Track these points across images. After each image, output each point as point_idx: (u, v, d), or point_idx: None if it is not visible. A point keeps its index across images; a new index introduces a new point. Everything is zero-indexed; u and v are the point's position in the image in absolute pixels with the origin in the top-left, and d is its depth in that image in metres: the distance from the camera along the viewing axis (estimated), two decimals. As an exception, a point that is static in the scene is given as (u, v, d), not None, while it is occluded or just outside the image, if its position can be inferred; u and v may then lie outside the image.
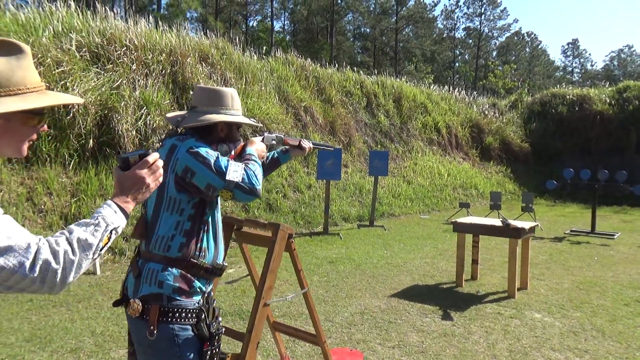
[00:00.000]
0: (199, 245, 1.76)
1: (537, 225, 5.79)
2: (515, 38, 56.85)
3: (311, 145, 2.46)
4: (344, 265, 6.52)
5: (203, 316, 1.74)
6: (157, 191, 1.77)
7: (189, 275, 1.73)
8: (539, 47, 61.73)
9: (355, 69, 17.37)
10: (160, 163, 1.32)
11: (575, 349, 3.82)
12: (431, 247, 7.90)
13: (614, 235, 9.47)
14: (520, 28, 73.20)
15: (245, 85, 10.73)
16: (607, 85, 22.03)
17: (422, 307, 4.81)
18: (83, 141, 7.10)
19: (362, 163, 12.93)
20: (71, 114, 6.95)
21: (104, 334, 3.91)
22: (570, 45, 67.86)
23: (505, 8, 63.22)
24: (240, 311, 4.48)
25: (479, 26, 51.62)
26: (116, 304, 1.81)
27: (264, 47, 15.05)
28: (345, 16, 46.06)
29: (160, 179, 1.33)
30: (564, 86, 23.58)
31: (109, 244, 1.19)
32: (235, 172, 1.72)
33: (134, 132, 7.70)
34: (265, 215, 8.76)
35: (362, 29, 49.59)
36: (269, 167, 2.36)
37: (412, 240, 8.53)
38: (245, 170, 1.75)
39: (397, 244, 8.08)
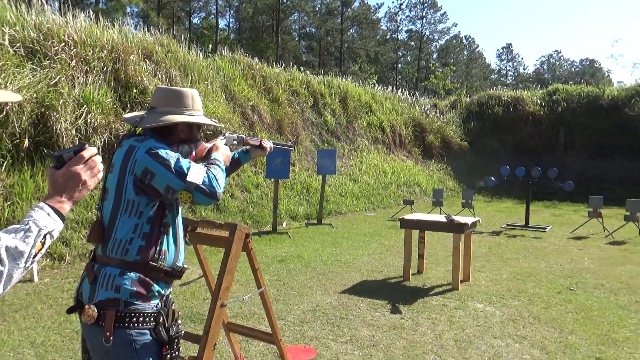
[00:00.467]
0: (158, 248, 1.73)
1: (478, 220, 6.10)
2: (454, 41, 59.08)
3: (272, 145, 2.48)
4: (294, 263, 6.57)
5: (162, 320, 1.71)
6: (115, 193, 1.73)
7: (147, 278, 1.70)
8: (476, 50, 64.51)
9: (302, 68, 17.46)
10: (99, 159, 1.23)
11: (514, 336, 4.08)
12: (378, 244, 8.10)
13: (546, 228, 10.12)
14: (459, 32, 76.03)
15: (191, 83, 10.51)
16: (538, 88, 23.41)
17: (371, 302, 4.94)
18: (17, 141, 6.71)
19: (310, 162, 13.02)
20: (4, 112, 6.55)
21: (45, 344, 3.74)
22: (504, 50, 71.39)
23: (445, 12, 65.44)
24: (191, 313, 4.42)
25: (420, 29, 53.22)
26: (70, 310, 1.75)
27: (210, 45, 14.81)
28: (291, 15, 46.05)
29: (100, 175, 1.23)
30: (499, 88, 24.84)
31: (44, 250, 1.10)
32: (196, 174, 1.69)
33: (73, 132, 7.36)
34: (213, 215, 8.64)
35: (308, 29, 49.82)
36: (230, 167, 2.36)
37: (359, 237, 8.71)
38: (207, 173, 1.73)
39: (345, 242, 8.23)
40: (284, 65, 16.34)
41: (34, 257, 1.07)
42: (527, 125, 19.69)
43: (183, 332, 1.87)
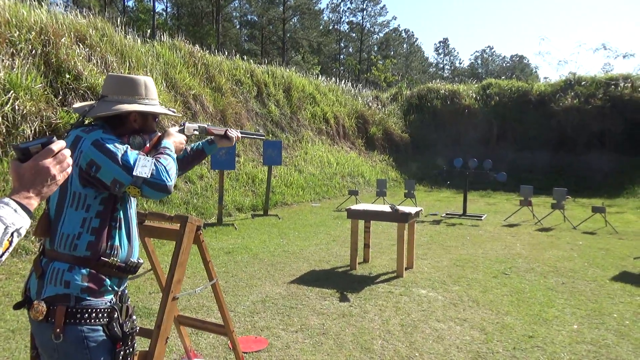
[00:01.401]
0: (109, 243, 1.67)
1: (421, 210, 6.33)
2: (394, 34, 60.34)
3: (239, 135, 2.40)
4: (241, 255, 6.52)
5: (116, 315, 1.66)
6: (60, 187, 1.58)
7: (99, 274, 1.64)
8: (415, 43, 66.30)
9: (245, 57, 17.20)
10: (68, 152, 1.16)
11: (456, 319, 4.29)
12: (324, 234, 8.20)
13: (482, 216, 10.65)
14: (399, 25, 77.79)
15: (129, 70, 10.08)
16: (473, 82, 24.46)
17: (320, 291, 5.01)
18: None
19: (254, 152, 12.91)
20: None
21: (-23, 345, 3.50)
22: (441, 44, 73.90)
23: (384, 5, 66.82)
24: (137, 308, 4.29)
25: (361, 21, 53.90)
26: (17, 306, 1.66)
27: (148, 30, 14.22)
28: (232, 2, 45.10)
29: (69, 170, 1.17)
30: (437, 82, 25.70)
31: (11, 248, 1.04)
32: (144, 167, 1.62)
33: None
34: (156, 207, 8.38)
35: (249, 17, 49.00)
36: (192, 159, 2.27)
37: (306, 228, 8.78)
38: (155, 165, 1.65)
39: (292, 232, 8.26)
40: (226, 53, 16.02)
41: (1, 256, 1.01)
42: (463, 118, 20.55)
43: (138, 328, 1.82)
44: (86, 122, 1.78)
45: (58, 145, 1.14)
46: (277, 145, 10.32)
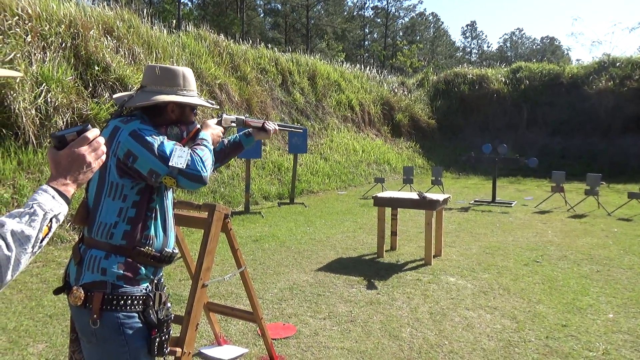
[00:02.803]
0: (145, 233, 1.69)
1: (449, 197, 6.23)
2: (420, 19, 59.24)
3: (276, 127, 2.39)
4: (269, 243, 6.56)
5: (151, 303, 1.69)
6: (99, 175, 1.66)
7: (135, 262, 1.66)
8: (442, 27, 64.94)
9: (269, 46, 17.17)
10: (102, 140, 1.18)
11: (486, 307, 4.22)
12: (351, 222, 8.18)
13: (512, 203, 10.44)
14: (425, 9, 76.35)
15: (155, 61, 10.18)
16: (502, 66, 23.84)
17: (347, 278, 5.01)
18: (-27, 121, 6.38)
19: (280, 141, 12.93)
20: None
21: (17, 330, 3.63)
22: (468, 27, 72.21)
23: (410, -11, 65.40)
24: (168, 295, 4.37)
25: (386, 5, 53.03)
26: (57, 291, 1.72)
27: (173, 21, 14.34)
28: (256, -10, 44.99)
29: (103, 157, 1.19)
30: (464, 66, 25.15)
31: (50, 234, 1.06)
32: (180, 157, 1.63)
33: (33, 111, 7.05)
34: (184, 196, 8.50)
35: (273, 5, 48.80)
36: (230, 151, 2.26)
37: (332, 215, 8.77)
38: (191, 155, 1.66)
39: (318, 220, 8.26)
40: (250, 42, 16.03)
41: (41, 242, 1.03)
42: (492, 102, 20.08)
43: (173, 315, 1.84)
44: (125, 112, 1.79)
45: (93, 132, 1.15)
46: (303, 133, 10.31)
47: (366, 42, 54.81)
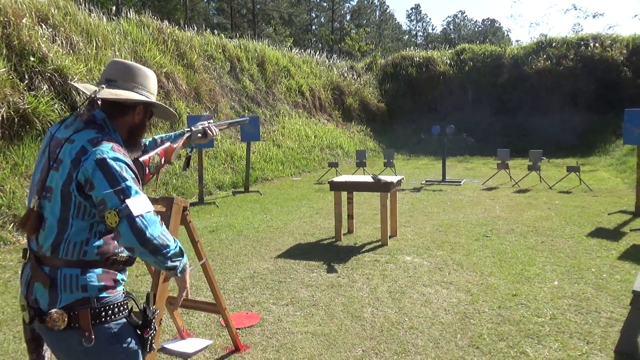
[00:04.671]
0: (115, 242, 1.60)
1: (402, 178, 6.38)
2: (366, 2, 59.53)
3: (217, 132, 2.33)
4: (226, 233, 6.51)
5: (132, 305, 1.66)
6: (61, 197, 1.53)
7: (111, 271, 1.60)
8: (387, 11, 65.59)
9: (215, 32, 16.78)
10: None
11: (442, 282, 4.39)
12: (307, 207, 8.23)
13: (461, 181, 10.82)
14: (370, -8, 76.56)
15: (96, 50, 9.75)
16: (447, 48, 24.43)
17: (307, 263, 5.06)
18: None
19: (232, 129, 12.74)
20: None
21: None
22: (413, 10, 73.31)
23: (355, -28, 65.42)
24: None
25: (332, -11, 52.83)
26: (30, 320, 1.57)
27: (113, 8, 13.70)
28: (198, -25, 43.60)
29: None
30: (411, 49, 25.59)
31: None
32: (142, 204, 1.48)
33: (-36, 107, 6.59)
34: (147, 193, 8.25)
35: (217, -11, 47.54)
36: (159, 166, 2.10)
37: (288, 202, 8.78)
38: (158, 220, 1.53)
39: (274, 207, 8.26)
40: (196, 28, 15.60)
41: None
42: (438, 84, 20.60)
43: (157, 311, 1.80)
44: (82, 109, 1.66)
45: None
46: (255, 120, 10.21)
47: (314, 27, 54.57)
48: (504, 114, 19.24)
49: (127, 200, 1.45)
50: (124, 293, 1.65)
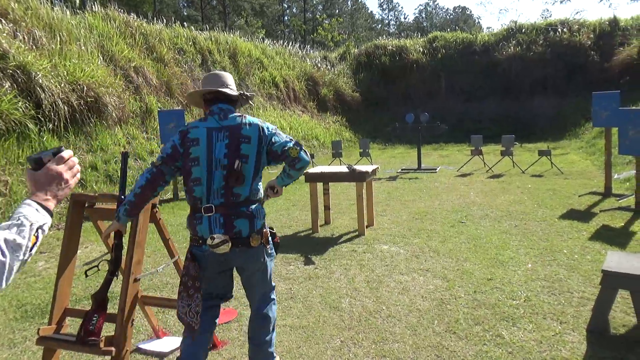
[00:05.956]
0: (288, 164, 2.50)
1: (377, 167, 6.39)
2: (338, -9, 59.19)
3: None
4: (202, 228, 6.41)
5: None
6: (256, 158, 2.38)
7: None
8: (360, 0, 65.39)
9: (185, 24, 16.47)
10: (76, 160, 1.27)
11: (418, 270, 4.43)
12: (284, 200, 8.18)
13: (436, 169, 10.92)
14: (341, -18, 76.20)
15: (60, 45, 9.44)
16: (419, 36, 24.53)
17: (284, 256, 5.03)
18: None
19: (205, 123, 12.55)
20: None
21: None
22: (385, 0, 73.23)
23: (325, -39, 64.91)
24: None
25: (303, -21, 52.33)
26: (234, 246, 2.32)
27: (77, 1, 13.29)
28: (165, -34, 42.63)
29: (78, 176, 1.27)
30: (384, 38, 25.61)
31: (38, 243, 1.13)
32: (300, 145, 2.48)
33: None
34: (107, 188, 8.07)
35: (186, -19, 46.61)
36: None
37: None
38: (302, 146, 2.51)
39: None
40: (165, 21, 15.27)
41: (30, 249, 1.10)
42: (412, 72, 20.68)
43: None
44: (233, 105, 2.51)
45: (68, 153, 1.25)
46: (228, 113, 10.06)
47: (286, 17, 54.08)
48: (477, 101, 19.47)
49: (294, 140, 2.46)
50: None
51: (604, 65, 17.45)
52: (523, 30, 20.40)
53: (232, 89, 2.49)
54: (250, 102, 2.55)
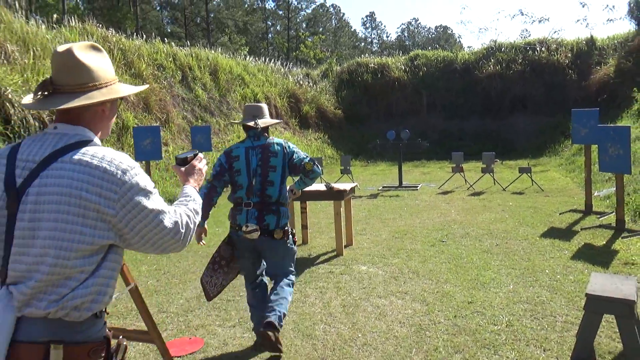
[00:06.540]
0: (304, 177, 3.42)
1: (356, 185, 6.24)
2: (321, 10, 59.88)
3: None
4: (175, 249, 6.16)
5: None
6: (282, 169, 3.25)
7: None
8: (343, 19, 66.20)
9: (166, 40, 16.32)
10: (205, 160, 1.74)
11: (397, 293, 4.25)
12: (262, 218, 7.97)
13: (417, 186, 10.83)
14: (325, 0, 77.24)
15: (34, 60, 9.20)
16: (401, 55, 24.74)
17: (259, 279, 4.81)
18: None
19: (184, 140, 12.35)
20: None
21: None
22: (368, 18, 74.30)
23: (310, -19, 65.74)
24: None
25: (287, -3, 52.79)
26: (261, 235, 3.15)
27: (54, 15, 13.04)
28: (149, -17, 42.66)
29: (206, 169, 1.74)
30: (366, 56, 25.78)
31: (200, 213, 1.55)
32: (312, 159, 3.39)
33: None
34: (77, 207, 7.77)
35: (169, -2, 46.64)
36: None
37: (243, 213, 8.49)
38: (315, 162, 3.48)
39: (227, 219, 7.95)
40: (144, 37, 15.10)
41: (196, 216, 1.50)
42: (394, 90, 20.76)
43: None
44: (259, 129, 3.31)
45: (201, 155, 1.73)
46: (206, 130, 9.88)
47: (269, 35, 54.36)
48: (458, 118, 19.58)
49: (309, 157, 3.35)
50: None
51: (582, 84, 17.72)
52: (502, 49, 20.69)
53: (265, 119, 3.35)
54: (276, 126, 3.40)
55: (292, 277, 3.41)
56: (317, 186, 6.06)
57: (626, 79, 15.20)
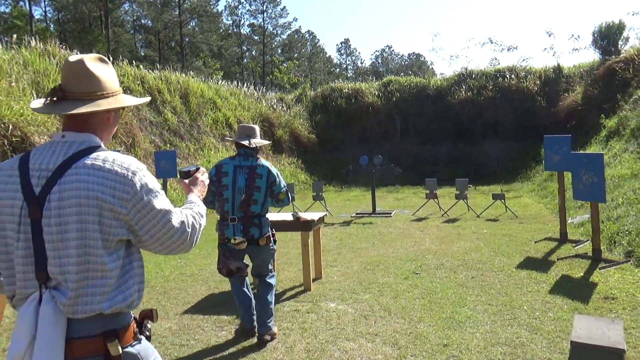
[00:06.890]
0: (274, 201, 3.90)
1: (326, 214, 5.93)
2: (296, 36, 60.47)
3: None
4: (130, 284, 5.69)
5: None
6: (265, 189, 3.74)
7: None
8: (318, 45, 66.98)
9: (135, 63, 15.94)
10: (207, 174, 1.91)
11: (367, 334, 3.90)
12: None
13: (391, 213, 10.59)
14: (300, 27, 78.21)
15: (-14, 80, 8.70)
16: (374, 80, 24.89)
17: (217, 319, 4.41)
18: None
19: (151, 165, 11.86)
20: None
21: None
22: (343, 44, 75.36)
23: (284, 7, 66.71)
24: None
25: (262, 23, 53.22)
26: (247, 244, 3.67)
27: (14, 35, 12.55)
28: (121, 6, 42.35)
29: (208, 182, 1.90)
30: (341, 81, 25.85)
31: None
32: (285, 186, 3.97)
33: None
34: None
35: (144, 21, 46.39)
36: None
37: (207, 243, 8.03)
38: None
39: (192, 250, 7.50)
40: (111, 59, 14.68)
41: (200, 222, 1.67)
42: (367, 115, 20.73)
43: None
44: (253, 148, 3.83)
45: (203, 169, 1.89)
46: (171, 155, 9.48)
47: (244, 60, 54.44)
48: (431, 143, 19.62)
49: (286, 188, 3.86)
50: None
51: (551, 110, 18.00)
52: (473, 75, 20.98)
53: (257, 140, 3.82)
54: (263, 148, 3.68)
55: (273, 279, 3.97)
56: (284, 215, 5.73)
57: (593, 106, 15.49)
